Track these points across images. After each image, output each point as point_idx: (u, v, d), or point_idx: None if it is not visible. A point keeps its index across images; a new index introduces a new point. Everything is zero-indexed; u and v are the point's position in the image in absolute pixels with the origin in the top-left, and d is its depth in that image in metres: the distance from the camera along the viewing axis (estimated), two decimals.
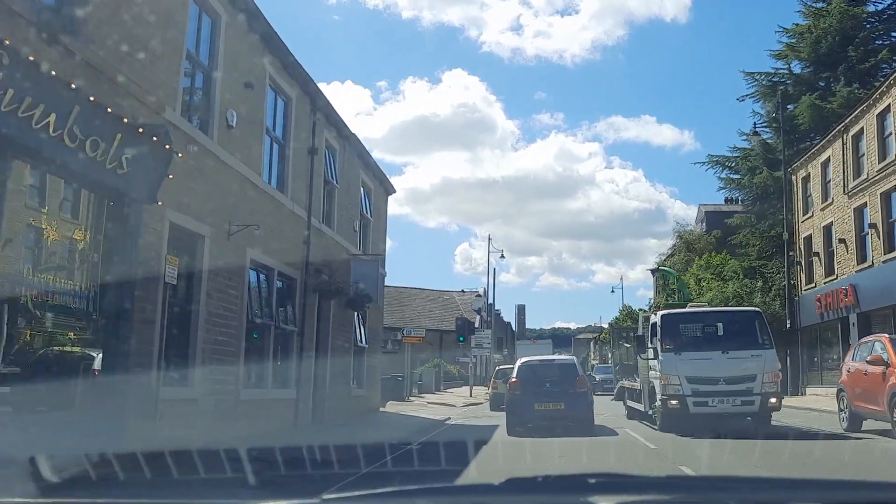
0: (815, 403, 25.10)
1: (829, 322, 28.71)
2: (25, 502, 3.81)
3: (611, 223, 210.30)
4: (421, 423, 18.33)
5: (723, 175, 40.98)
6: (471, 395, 37.77)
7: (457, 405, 30.22)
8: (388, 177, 23.23)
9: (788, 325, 31.31)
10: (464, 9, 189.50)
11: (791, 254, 32.78)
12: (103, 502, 3.88)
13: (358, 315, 20.73)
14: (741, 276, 36.45)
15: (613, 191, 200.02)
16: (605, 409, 23.47)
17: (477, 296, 70.29)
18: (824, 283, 29.40)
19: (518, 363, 17.78)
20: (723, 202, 55.45)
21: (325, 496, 2.22)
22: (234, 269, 12.53)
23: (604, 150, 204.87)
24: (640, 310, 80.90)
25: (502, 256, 56.54)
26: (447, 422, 20.21)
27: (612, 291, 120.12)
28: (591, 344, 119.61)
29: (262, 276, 14.02)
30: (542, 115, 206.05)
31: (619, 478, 2.58)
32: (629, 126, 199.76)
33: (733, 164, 40.22)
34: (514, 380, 16.62)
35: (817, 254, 30.35)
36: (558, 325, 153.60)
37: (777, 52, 39.85)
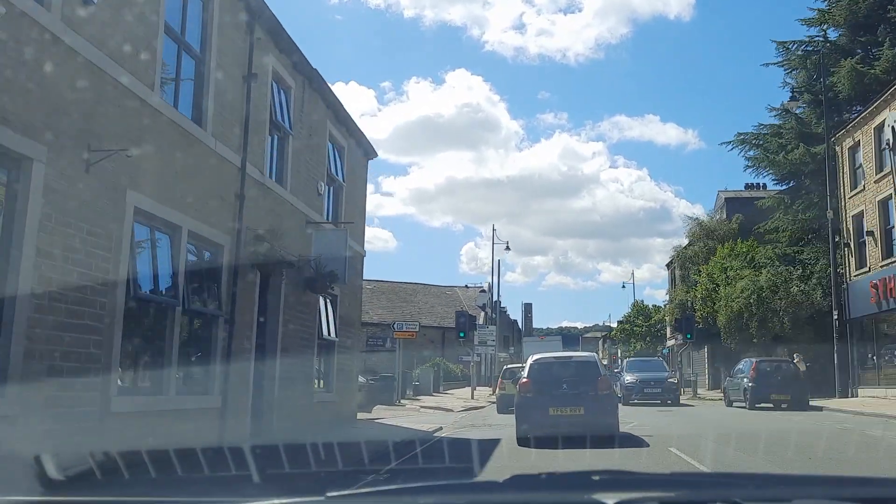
0: (870, 406, 20.78)
1: (889, 312, 24.34)
2: (25, 500, 3.60)
3: (616, 222, 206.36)
4: (401, 437, 14.07)
5: (750, 154, 36.52)
6: (472, 398, 33.49)
7: (454, 409, 25.96)
8: (366, 136, 18.97)
9: (836, 317, 26.91)
10: (466, 7, 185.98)
11: (836, 237, 28.39)
12: (103, 500, 3.77)
13: (327, 302, 16.51)
14: (776, 263, 32.05)
15: (618, 190, 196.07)
16: (628, 415, 19.28)
17: (481, 291, 65.96)
18: (882, 266, 25.00)
19: (530, 361, 15.07)
20: (743, 188, 51.21)
21: (330, 494, 2.23)
22: (100, 219, 8.28)
23: (608, 149, 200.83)
24: (654, 306, 76.55)
25: (507, 248, 52.15)
26: (437, 434, 15.96)
27: (623, 287, 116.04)
28: (600, 343, 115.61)
29: (158, 236, 9.74)
30: (546, 115, 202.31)
31: (623, 474, 2.54)
32: (633, 125, 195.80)
33: (762, 143, 35.79)
34: (525, 380, 14.23)
35: (871, 233, 25.95)
36: (565, 324, 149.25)
37: (809, 20, 35.53)
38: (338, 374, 16.95)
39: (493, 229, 51.23)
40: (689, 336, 36.49)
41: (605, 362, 75.10)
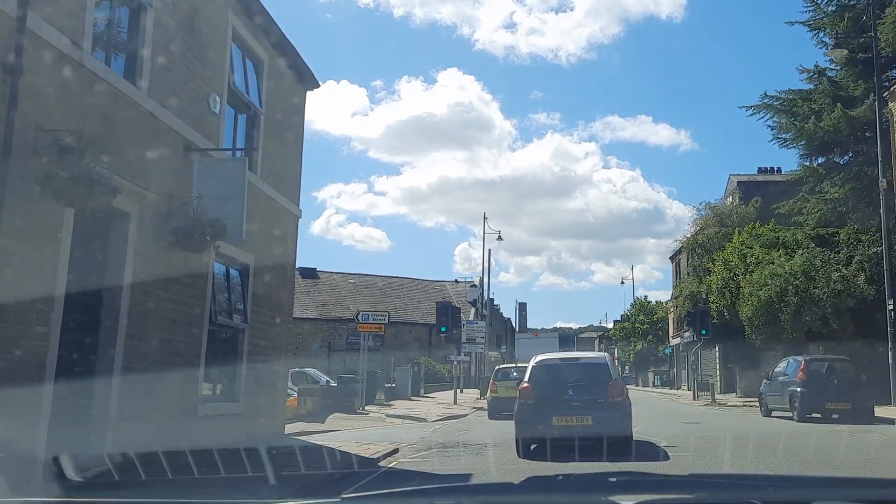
0: None
1: None
2: (28, 501, 3.82)
3: (609, 223, 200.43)
4: (318, 468, 8.97)
5: (775, 122, 31.38)
6: (455, 402, 28.38)
7: (429, 418, 20.84)
8: (303, 59, 13.80)
9: (892, 308, 21.80)
10: (456, 6, 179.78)
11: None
12: (109, 501, 3.98)
13: (228, 272, 11.41)
14: (812, 246, 26.96)
15: (611, 191, 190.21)
16: (644, 428, 14.37)
17: (472, 286, 60.78)
18: None
19: (532, 362, 13.02)
20: (756, 171, 46.26)
21: (345, 495, 2.25)
22: None
23: (600, 149, 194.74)
24: (658, 302, 71.50)
25: (499, 238, 47.03)
26: (382, 463, 10.81)
27: (622, 283, 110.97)
28: (596, 343, 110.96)
29: None
30: (539, 115, 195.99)
31: (640, 476, 2.52)
32: (625, 126, 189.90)
33: (791, 108, 30.66)
34: (525, 384, 12.34)
35: None
36: (559, 324, 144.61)
37: None
38: (249, 376, 11.77)
39: (485, 218, 46.11)
40: (703, 332, 31.39)
41: None
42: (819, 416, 17.82)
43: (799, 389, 17.93)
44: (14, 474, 6.21)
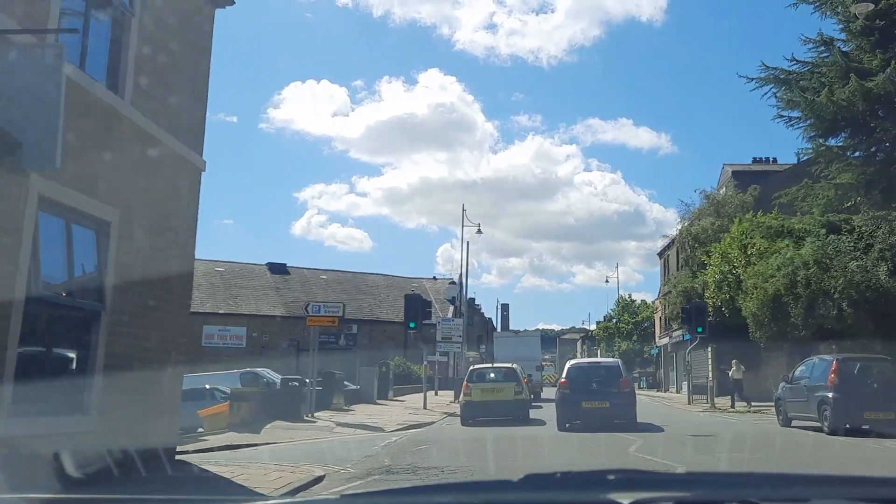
0: None
1: None
2: (27, 497, 3.46)
3: (590, 225, 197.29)
4: None
5: (780, 96, 28.08)
6: (425, 407, 24.96)
7: (388, 427, 17.39)
8: None
9: None
10: (435, 6, 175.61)
11: None
12: (106, 499, 3.73)
13: (70, 227, 7.92)
14: (824, 234, 23.78)
15: (592, 193, 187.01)
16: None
17: (450, 283, 57.32)
18: None
19: (567, 365, 18.20)
20: (750, 161, 43.24)
21: (345, 493, 2.35)
22: None
23: (582, 152, 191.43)
24: (643, 301, 68.35)
25: (479, 231, 43.65)
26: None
27: (607, 282, 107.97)
28: (579, 344, 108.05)
29: None
30: (521, 117, 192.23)
31: (638, 474, 2.44)
32: (606, 128, 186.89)
33: (798, 80, 27.42)
34: (563, 380, 17.05)
35: None
36: (542, 325, 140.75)
37: None
38: (109, 379, 8.24)
39: (463, 209, 42.69)
40: (699, 330, 28.12)
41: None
42: (852, 426, 14.53)
43: (831, 395, 14.62)
44: None
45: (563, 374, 17.34)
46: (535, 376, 37.73)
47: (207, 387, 21.04)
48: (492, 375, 19.11)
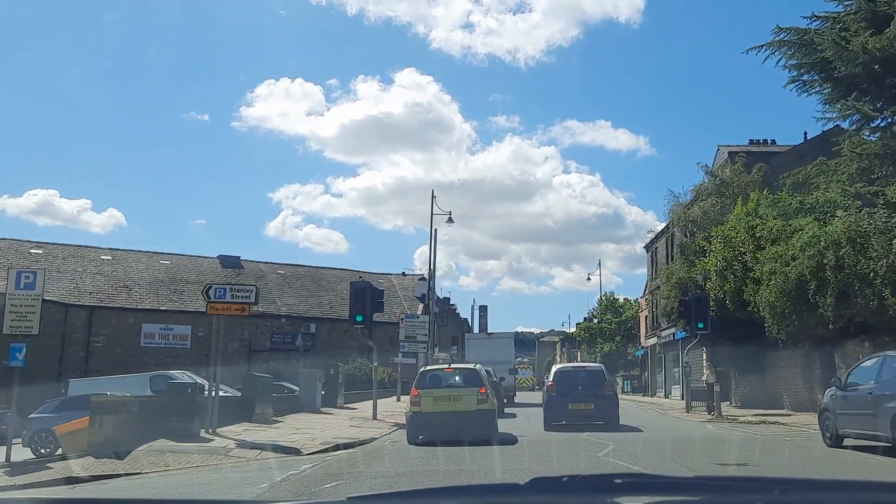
0: None
1: None
2: (33, 499, 3.76)
3: (569, 227, 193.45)
4: None
5: (794, 63, 23.99)
6: (374, 417, 20.53)
7: (307, 448, 12.86)
8: None
9: None
10: (410, 4, 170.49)
11: None
12: (114, 500, 3.90)
13: None
14: (857, 206, 19.67)
15: (571, 195, 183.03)
16: None
17: (420, 279, 52.75)
18: None
19: (554, 369, 19.68)
20: (747, 143, 39.30)
21: (351, 496, 2.20)
22: None
23: (560, 153, 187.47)
24: (626, 299, 64.31)
25: (450, 220, 39.29)
26: None
27: (589, 279, 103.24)
28: (558, 347, 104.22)
29: None
30: (499, 117, 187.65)
31: (646, 478, 2.48)
32: (585, 130, 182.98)
33: (813, 41, 23.35)
34: (551, 382, 18.16)
35: None
36: (521, 328, 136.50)
37: None
38: None
39: (433, 195, 38.31)
40: (700, 325, 24.04)
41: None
42: None
43: None
44: None
45: (551, 378, 18.62)
46: (507, 379, 34.66)
47: (108, 394, 16.51)
48: (448, 380, 14.72)
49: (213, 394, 14.46)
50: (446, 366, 18.03)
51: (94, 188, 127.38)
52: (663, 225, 40.67)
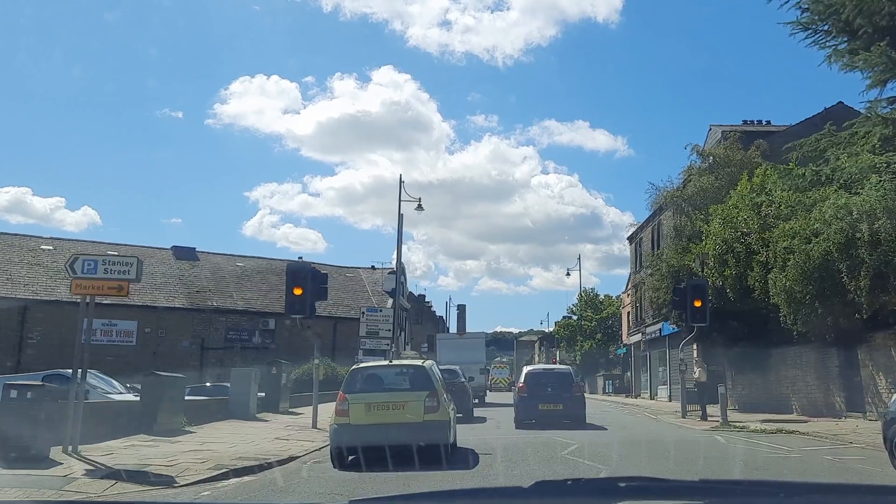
0: None
1: None
2: (30, 501, 3.54)
3: (547, 228, 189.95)
4: None
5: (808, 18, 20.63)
6: (314, 426, 16.89)
7: (187, 476, 9.27)
8: None
9: None
10: (387, 1, 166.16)
11: None
12: (106, 500, 3.53)
13: None
14: (893, 172, 16.35)
15: (549, 195, 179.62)
16: None
17: (390, 273, 49.27)
18: None
19: (524, 371, 19.94)
20: (740, 122, 36.17)
21: (353, 499, 2.18)
22: None
23: (539, 154, 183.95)
24: (606, 296, 61.07)
25: (419, 207, 35.67)
26: None
27: (568, 274, 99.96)
28: (536, 346, 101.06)
29: None
30: (477, 117, 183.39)
31: (650, 481, 2.43)
32: (563, 130, 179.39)
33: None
34: (521, 384, 18.70)
35: None
36: (499, 328, 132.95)
37: None
38: None
39: (401, 181, 34.71)
40: (699, 316, 20.68)
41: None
42: None
43: None
44: None
45: (521, 380, 19.09)
46: (478, 379, 32.27)
47: None
48: (388, 381, 11.14)
49: (76, 399, 10.75)
50: (383, 363, 14.29)
51: (67, 186, 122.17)
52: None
